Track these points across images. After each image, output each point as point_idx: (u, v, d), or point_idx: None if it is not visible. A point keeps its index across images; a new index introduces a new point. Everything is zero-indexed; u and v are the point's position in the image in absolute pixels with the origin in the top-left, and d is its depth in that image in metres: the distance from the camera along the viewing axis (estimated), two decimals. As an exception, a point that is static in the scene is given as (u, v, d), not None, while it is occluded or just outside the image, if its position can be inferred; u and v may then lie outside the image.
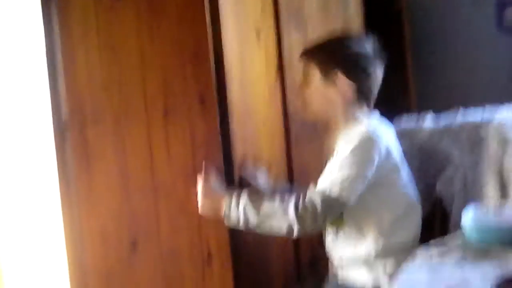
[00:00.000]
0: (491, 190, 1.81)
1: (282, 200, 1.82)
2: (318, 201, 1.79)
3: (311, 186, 1.85)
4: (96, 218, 1.95)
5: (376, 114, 1.95)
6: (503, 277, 1.27)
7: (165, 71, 1.94)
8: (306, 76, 1.94)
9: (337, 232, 1.95)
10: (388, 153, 1.85)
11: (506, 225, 1.54)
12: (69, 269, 1.96)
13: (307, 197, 1.80)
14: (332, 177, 1.82)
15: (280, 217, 1.79)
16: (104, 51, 1.92)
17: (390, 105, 2.01)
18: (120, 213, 1.95)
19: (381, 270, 1.86)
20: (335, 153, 1.89)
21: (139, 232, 1.96)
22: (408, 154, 2.03)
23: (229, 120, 2.05)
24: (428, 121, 2.09)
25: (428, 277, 1.41)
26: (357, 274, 1.91)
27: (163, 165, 1.95)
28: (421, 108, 2.19)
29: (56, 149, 1.95)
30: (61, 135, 1.95)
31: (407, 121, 2.15)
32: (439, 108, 2.14)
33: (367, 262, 1.88)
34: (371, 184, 1.83)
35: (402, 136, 2.07)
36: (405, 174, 1.92)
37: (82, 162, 1.92)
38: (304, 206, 1.78)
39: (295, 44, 2.31)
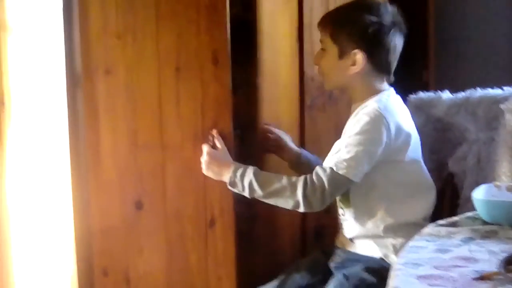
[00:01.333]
0: (505, 167, 1.77)
1: (290, 178, 1.82)
2: (326, 180, 1.78)
3: (318, 166, 1.83)
4: (102, 174, 1.93)
5: (392, 88, 1.91)
6: (511, 253, 1.24)
7: (179, 24, 1.90)
8: (323, 46, 1.92)
9: (344, 209, 1.93)
10: (399, 131, 1.81)
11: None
12: (74, 226, 1.95)
13: (315, 177, 1.80)
14: (339, 156, 1.80)
15: (288, 196, 1.81)
16: (120, -1, 1.90)
17: (409, 81, 1.98)
18: (127, 170, 1.93)
19: (391, 247, 1.84)
20: (344, 130, 1.87)
21: (144, 191, 1.94)
22: (423, 128, 1.99)
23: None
24: (446, 95, 2.05)
25: (435, 247, 1.39)
26: (367, 247, 1.90)
27: (172, 123, 1.92)
28: (439, 86, 2.14)
29: (67, 102, 1.94)
30: (74, 87, 1.93)
31: (424, 96, 2.11)
32: (458, 88, 2.09)
33: (376, 238, 1.87)
34: (378, 162, 1.81)
35: (418, 108, 2.04)
36: (417, 152, 1.89)
37: (92, 116, 1.90)
38: (313, 187, 1.78)
39: (316, 3, 2.28)
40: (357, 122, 1.81)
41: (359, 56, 1.84)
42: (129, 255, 1.95)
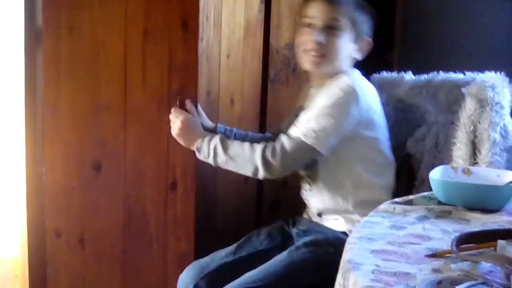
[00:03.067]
0: (462, 150, 1.80)
1: (252, 143, 1.83)
2: (289, 146, 1.78)
3: (282, 134, 1.84)
4: (60, 135, 1.89)
5: (356, 69, 1.94)
6: (464, 232, 1.26)
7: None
8: (332, 24, 1.88)
9: (311, 184, 1.95)
10: (368, 109, 1.84)
11: (473, 185, 1.54)
12: (26, 185, 1.92)
13: (277, 142, 1.80)
14: (308, 126, 1.80)
15: (247, 159, 1.80)
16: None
17: (373, 61, 1.98)
18: (87, 132, 1.90)
19: (356, 222, 1.84)
20: (314, 102, 1.87)
21: (103, 154, 1.92)
22: (384, 108, 2.00)
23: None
24: (409, 76, 2.07)
25: (390, 224, 1.41)
26: (334, 221, 1.92)
27: (137, 86, 1.90)
28: (403, 68, 2.16)
29: (25, 58, 1.89)
30: (33, 44, 1.88)
31: (388, 76, 2.13)
32: (421, 71, 2.10)
33: (345, 213, 1.90)
34: (347, 139, 1.83)
35: (381, 88, 2.05)
36: (383, 130, 1.92)
37: (53, 75, 1.86)
38: (273, 151, 1.78)
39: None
40: (328, 95, 1.82)
41: (369, 45, 1.92)
42: (84, 216, 1.93)
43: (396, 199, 1.58)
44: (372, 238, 1.32)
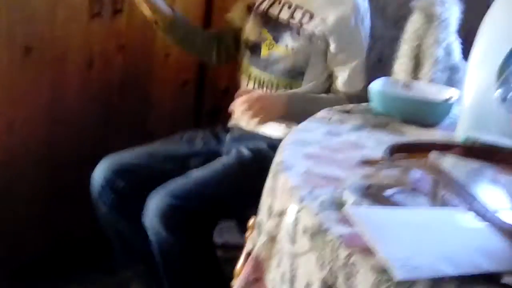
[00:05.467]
0: (405, 64, 1.77)
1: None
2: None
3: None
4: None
5: None
6: (397, 143, 1.25)
7: None
8: None
9: (286, 89, 1.89)
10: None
11: (412, 98, 1.53)
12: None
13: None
14: (347, 72, 1.86)
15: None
16: None
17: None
18: (16, 15, 1.80)
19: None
20: (316, 16, 1.84)
21: (33, 37, 1.86)
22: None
23: None
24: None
25: (325, 130, 1.39)
26: (275, 127, 1.87)
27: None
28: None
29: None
30: None
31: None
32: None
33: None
34: None
35: None
36: None
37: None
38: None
39: None
40: (343, 14, 1.82)
41: None
42: (14, 102, 1.86)
43: (334, 107, 1.57)
44: (306, 143, 1.30)
